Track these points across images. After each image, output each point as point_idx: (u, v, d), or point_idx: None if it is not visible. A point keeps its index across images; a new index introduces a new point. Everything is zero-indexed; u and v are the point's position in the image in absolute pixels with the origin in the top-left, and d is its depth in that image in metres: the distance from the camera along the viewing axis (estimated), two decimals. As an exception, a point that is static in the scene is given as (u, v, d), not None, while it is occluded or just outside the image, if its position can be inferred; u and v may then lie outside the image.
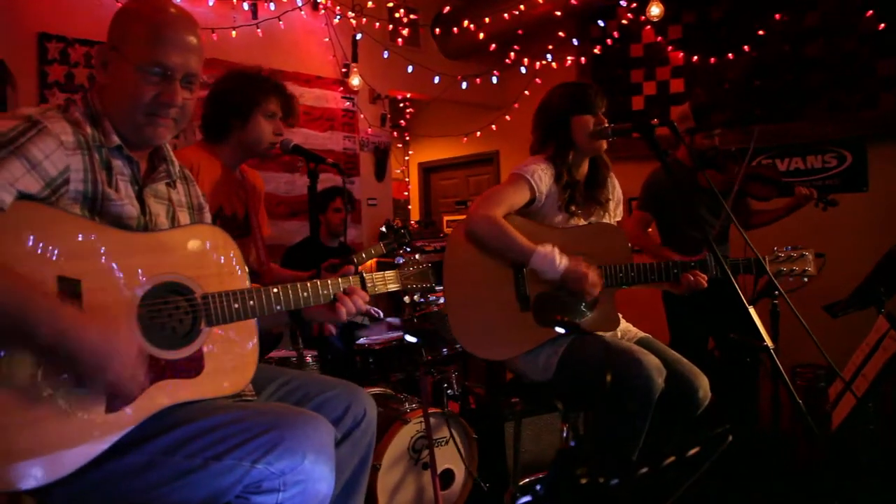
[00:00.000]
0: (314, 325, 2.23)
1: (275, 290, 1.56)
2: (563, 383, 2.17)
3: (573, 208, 2.34)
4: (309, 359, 3.53)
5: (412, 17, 5.55)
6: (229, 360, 1.51)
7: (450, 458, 3.03)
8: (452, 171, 7.78)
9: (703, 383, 2.15)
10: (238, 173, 2.60)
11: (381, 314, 4.54)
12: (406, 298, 1.92)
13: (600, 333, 2.24)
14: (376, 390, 3.44)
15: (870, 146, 4.65)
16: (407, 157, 7.39)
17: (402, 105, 6.39)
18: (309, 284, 1.63)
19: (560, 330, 1.95)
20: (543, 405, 3.03)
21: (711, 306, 3.03)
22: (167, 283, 1.42)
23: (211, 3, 4.59)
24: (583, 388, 2.13)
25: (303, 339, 4.36)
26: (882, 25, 4.47)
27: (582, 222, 2.38)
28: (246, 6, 4.75)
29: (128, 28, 1.50)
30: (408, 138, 7.01)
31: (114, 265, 1.35)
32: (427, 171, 8.06)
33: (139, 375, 1.31)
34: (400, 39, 5.60)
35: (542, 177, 2.31)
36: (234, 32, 4.64)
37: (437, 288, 2.00)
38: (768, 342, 1.80)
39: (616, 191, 2.55)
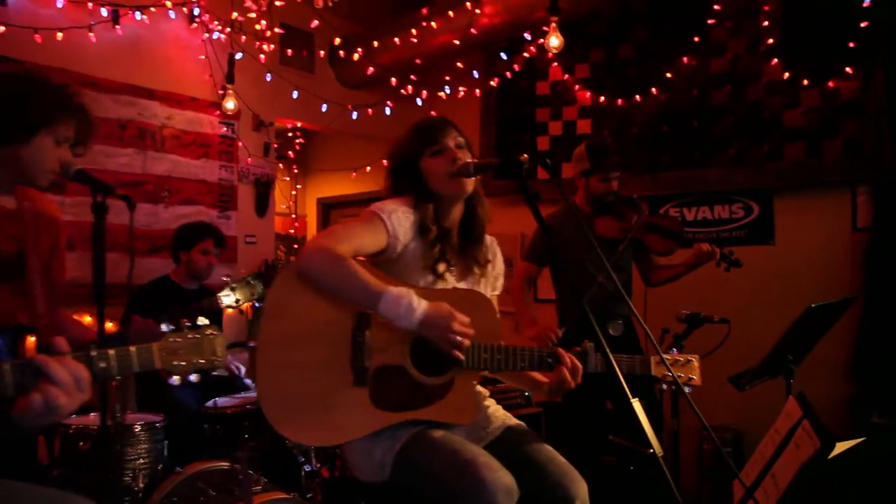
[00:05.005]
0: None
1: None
2: (399, 490, 1.68)
3: (442, 268, 1.88)
4: (138, 427, 2.91)
5: (280, 32, 5.02)
6: None
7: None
8: (355, 207, 7.27)
9: (580, 490, 1.69)
10: (10, 201, 2.02)
11: (242, 370, 3.95)
12: (174, 380, 1.39)
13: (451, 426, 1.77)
14: (221, 465, 2.89)
15: (777, 198, 4.47)
16: (294, 192, 6.84)
17: (291, 135, 5.88)
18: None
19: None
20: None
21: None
22: None
23: (60, 5, 3.98)
24: (418, 499, 1.64)
25: (147, 400, 3.74)
26: (786, 75, 4.33)
27: (452, 285, 1.91)
28: (104, 12, 4.16)
29: None
30: (296, 170, 6.49)
31: None
32: (327, 207, 7.53)
33: None
34: (288, 63, 5.12)
35: (402, 221, 1.84)
36: (59, 35, 3.96)
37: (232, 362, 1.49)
38: (656, 448, 1.38)
39: (498, 259, 2.10)
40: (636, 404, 1.42)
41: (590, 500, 1.72)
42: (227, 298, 2.42)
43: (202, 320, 1.49)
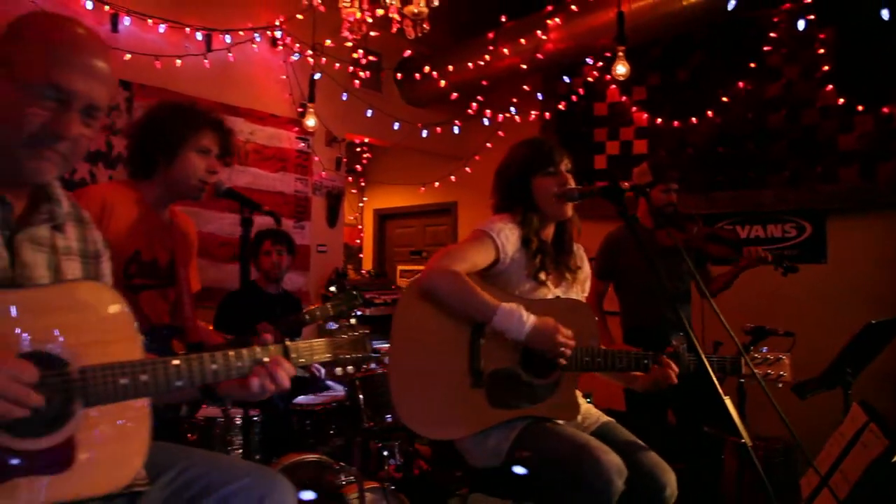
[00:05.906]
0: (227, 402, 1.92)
1: (175, 362, 1.29)
2: (512, 473, 1.92)
3: (542, 276, 2.12)
4: (238, 420, 3.19)
5: (373, 60, 5.39)
6: (111, 449, 1.22)
7: (391, 538, 2.74)
8: (410, 219, 7.59)
9: (671, 479, 1.92)
10: (166, 216, 2.33)
11: (322, 372, 4.24)
12: (338, 370, 1.66)
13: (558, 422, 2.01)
14: (311, 457, 3.15)
15: (829, 218, 4.63)
16: (361, 204, 7.15)
17: (358, 150, 6.20)
18: (220, 356, 1.36)
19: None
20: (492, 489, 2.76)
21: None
22: (33, 352, 1.14)
23: (161, 30, 4.35)
24: (533, 482, 1.88)
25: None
26: (841, 100, 4.49)
27: (550, 292, 2.14)
28: (199, 36, 4.53)
29: (22, 42, 1.25)
30: (363, 184, 6.80)
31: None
32: (383, 217, 7.84)
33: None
34: (361, 83, 5.43)
35: (510, 237, 2.08)
36: (178, 62, 4.39)
37: (375, 354, 1.76)
38: (746, 439, 1.60)
39: (585, 265, 2.33)
40: (727, 401, 1.65)
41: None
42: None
43: (354, 320, 1.77)
